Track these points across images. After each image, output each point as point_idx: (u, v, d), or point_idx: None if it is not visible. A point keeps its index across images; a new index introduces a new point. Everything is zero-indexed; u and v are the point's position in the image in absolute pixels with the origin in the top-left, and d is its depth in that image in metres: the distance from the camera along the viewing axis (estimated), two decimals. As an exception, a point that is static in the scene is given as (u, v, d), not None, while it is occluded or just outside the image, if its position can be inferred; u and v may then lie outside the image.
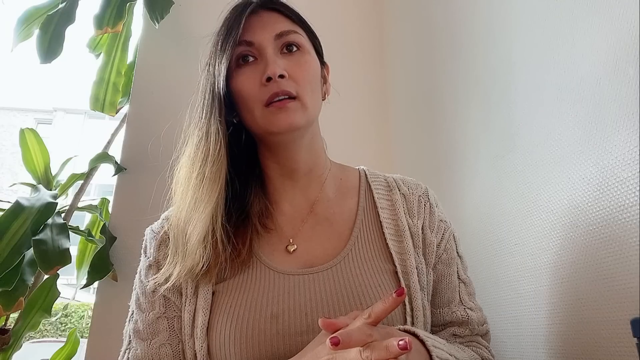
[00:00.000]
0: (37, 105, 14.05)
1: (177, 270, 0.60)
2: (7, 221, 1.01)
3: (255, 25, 0.65)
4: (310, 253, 0.65)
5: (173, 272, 0.60)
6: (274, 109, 0.60)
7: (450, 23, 1.10)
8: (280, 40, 0.64)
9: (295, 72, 0.62)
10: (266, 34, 0.64)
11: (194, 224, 0.60)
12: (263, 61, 0.63)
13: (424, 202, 0.70)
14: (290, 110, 0.61)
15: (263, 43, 0.63)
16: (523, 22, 0.79)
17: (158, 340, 0.62)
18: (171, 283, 0.60)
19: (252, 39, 0.64)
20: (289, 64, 0.63)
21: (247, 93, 0.62)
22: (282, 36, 0.64)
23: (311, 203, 0.69)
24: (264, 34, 0.64)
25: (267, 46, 0.63)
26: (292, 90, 0.61)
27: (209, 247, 0.60)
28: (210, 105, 0.63)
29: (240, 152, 0.67)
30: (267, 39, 0.64)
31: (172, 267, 0.61)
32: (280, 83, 0.61)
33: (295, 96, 0.61)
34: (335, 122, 0.85)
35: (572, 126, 0.65)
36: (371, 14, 1.61)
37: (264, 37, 0.64)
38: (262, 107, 0.61)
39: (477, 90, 0.95)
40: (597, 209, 0.59)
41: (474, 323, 0.66)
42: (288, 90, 0.61)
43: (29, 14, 1.31)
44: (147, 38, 1.41)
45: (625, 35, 0.55)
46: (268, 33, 0.64)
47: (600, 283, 0.58)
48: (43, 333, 7.60)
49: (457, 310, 0.67)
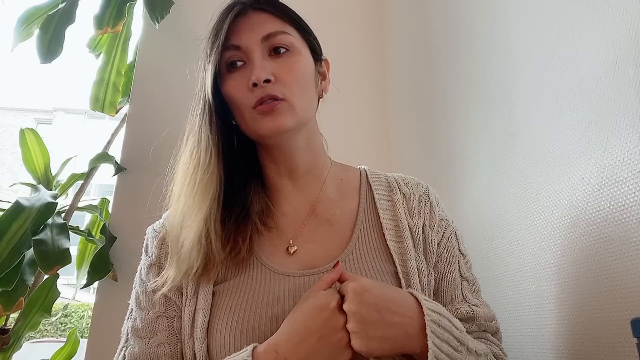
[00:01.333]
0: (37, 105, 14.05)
1: (172, 273, 0.61)
2: (7, 221, 1.01)
3: (243, 28, 0.64)
4: (310, 254, 0.64)
5: (169, 275, 0.61)
6: (260, 112, 0.61)
7: (450, 23, 1.10)
8: (268, 42, 0.63)
9: (283, 75, 0.62)
10: (254, 37, 0.63)
11: (187, 231, 0.60)
12: (251, 65, 0.62)
13: (424, 201, 0.70)
14: (277, 112, 0.60)
15: (250, 46, 0.63)
16: (523, 22, 0.79)
17: (157, 339, 0.62)
18: (167, 287, 0.61)
19: (239, 42, 0.63)
20: (276, 67, 0.62)
21: (236, 98, 0.62)
22: (270, 38, 0.63)
23: (311, 203, 0.69)
24: (251, 36, 0.63)
25: (254, 49, 0.62)
26: (279, 93, 0.61)
27: (202, 251, 0.60)
28: (201, 113, 0.63)
29: (240, 151, 0.67)
30: (254, 42, 0.63)
31: (170, 268, 0.61)
32: (266, 88, 0.60)
33: (282, 99, 0.61)
34: (335, 122, 0.85)
35: (572, 126, 0.65)
36: (372, 14, 1.61)
37: (251, 39, 0.63)
38: (250, 110, 0.61)
39: (477, 90, 0.95)
40: (597, 209, 0.59)
41: (481, 318, 0.65)
42: (274, 94, 0.60)
43: (29, 14, 1.31)
44: (147, 38, 1.41)
45: (625, 35, 0.55)
46: (255, 35, 0.63)
47: (600, 283, 0.58)
48: (43, 333, 7.60)
49: (461, 307, 0.66)
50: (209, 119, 0.62)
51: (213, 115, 0.63)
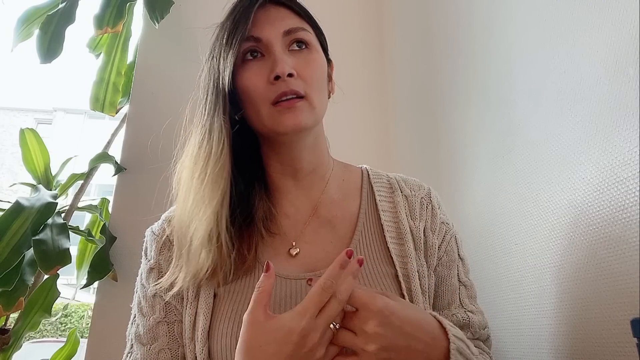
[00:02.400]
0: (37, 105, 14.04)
1: (182, 275, 0.59)
2: (7, 221, 1.01)
3: (263, 21, 0.62)
4: (312, 257, 0.64)
5: (178, 277, 0.59)
6: (282, 108, 0.59)
7: (450, 23, 1.10)
8: (288, 37, 0.62)
9: (303, 71, 0.61)
10: (274, 30, 0.62)
11: (196, 227, 0.58)
12: (271, 58, 0.61)
13: (426, 204, 0.69)
14: (298, 110, 0.59)
15: (271, 40, 0.61)
16: (523, 22, 0.79)
17: (157, 345, 0.61)
18: (177, 289, 0.59)
19: (259, 34, 0.61)
20: (297, 62, 0.61)
21: (253, 90, 0.60)
22: (291, 33, 0.62)
23: (314, 204, 0.68)
24: (272, 30, 0.62)
25: (275, 43, 0.61)
26: (301, 89, 0.59)
27: (214, 249, 0.58)
28: (214, 102, 0.61)
29: (243, 150, 0.66)
30: (276, 36, 0.61)
31: (178, 271, 0.60)
32: (289, 82, 0.59)
33: (303, 95, 0.60)
34: (335, 122, 0.85)
35: (572, 126, 0.65)
36: (372, 14, 1.61)
37: (273, 33, 0.61)
38: (269, 106, 0.59)
39: (477, 90, 0.95)
40: (597, 209, 0.59)
41: (475, 326, 0.66)
42: (297, 90, 0.59)
43: (29, 14, 1.31)
44: (147, 38, 1.41)
45: (625, 35, 0.55)
46: (276, 29, 0.62)
47: (600, 283, 0.58)
48: (43, 333, 7.60)
49: (457, 312, 0.66)
50: (224, 107, 0.60)
51: (227, 104, 0.60)
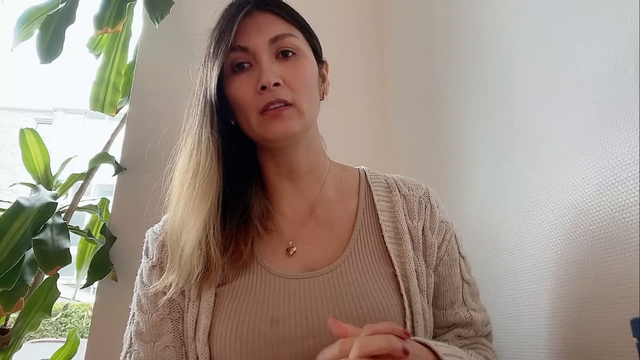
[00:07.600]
0: (37, 105, 14.03)
1: (175, 279, 0.60)
2: (7, 221, 1.01)
3: (250, 29, 0.63)
4: (310, 256, 0.64)
5: (172, 280, 0.60)
6: (269, 116, 0.60)
7: (450, 22, 1.10)
8: (275, 44, 0.63)
9: (290, 79, 0.61)
10: (261, 38, 0.62)
11: (186, 236, 0.60)
12: (258, 67, 0.61)
13: (424, 203, 0.69)
14: (286, 117, 0.60)
15: (257, 48, 0.62)
16: (523, 22, 0.79)
17: (162, 342, 0.61)
18: (170, 293, 0.60)
19: (246, 44, 0.62)
20: (284, 70, 0.62)
21: (242, 100, 0.61)
22: (277, 40, 0.63)
23: (311, 205, 0.69)
24: (258, 38, 0.62)
25: (261, 52, 0.61)
26: (288, 97, 0.60)
27: (204, 256, 0.59)
28: (201, 114, 0.62)
29: (239, 152, 0.67)
30: (262, 44, 0.62)
31: (171, 274, 0.61)
32: (275, 91, 0.60)
33: (291, 103, 0.60)
34: (335, 122, 0.85)
35: (572, 126, 0.65)
36: (371, 13, 1.61)
37: (259, 41, 0.62)
38: (257, 115, 0.61)
39: (478, 90, 0.95)
40: (597, 209, 0.59)
41: (478, 324, 0.66)
42: (283, 99, 0.60)
43: (29, 14, 1.31)
44: (147, 38, 1.41)
45: (625, 35, 0.55)
46: (263, 37, 0.62)
47: (600, 283, 0.58)
48: (43, 333, 7.59)
49: (461, 311, 0.66)
50: (211, 119, 0.61)
51: (215, 116, 0.61)
